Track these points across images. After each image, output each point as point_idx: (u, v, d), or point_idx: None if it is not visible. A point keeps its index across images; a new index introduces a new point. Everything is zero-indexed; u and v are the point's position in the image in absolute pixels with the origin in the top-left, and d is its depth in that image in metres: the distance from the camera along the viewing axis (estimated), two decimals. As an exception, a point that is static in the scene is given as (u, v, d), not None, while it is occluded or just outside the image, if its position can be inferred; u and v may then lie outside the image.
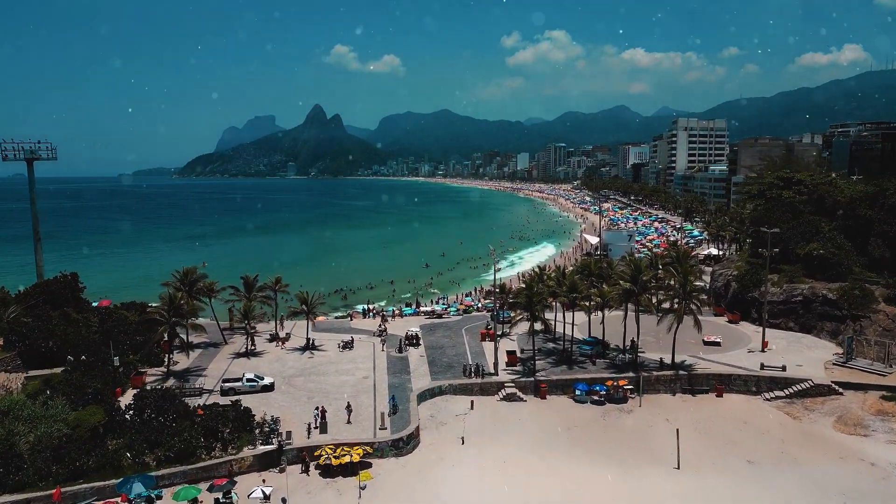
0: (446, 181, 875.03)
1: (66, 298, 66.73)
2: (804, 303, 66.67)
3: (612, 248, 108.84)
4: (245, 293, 69.67)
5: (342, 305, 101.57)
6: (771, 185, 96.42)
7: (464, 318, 78.59)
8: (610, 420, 50.31)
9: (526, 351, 61.66)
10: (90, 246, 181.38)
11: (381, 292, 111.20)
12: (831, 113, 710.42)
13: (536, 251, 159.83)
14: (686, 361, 57.91)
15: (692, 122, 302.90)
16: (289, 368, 58.94)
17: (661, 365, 57.01)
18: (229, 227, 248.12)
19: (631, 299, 56.10)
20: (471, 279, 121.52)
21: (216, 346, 66.26)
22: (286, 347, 65.83)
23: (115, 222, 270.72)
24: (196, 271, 66.90)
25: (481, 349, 63.92)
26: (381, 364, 59.95)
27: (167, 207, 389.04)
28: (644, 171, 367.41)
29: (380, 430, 44.99)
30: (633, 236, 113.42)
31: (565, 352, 60.76)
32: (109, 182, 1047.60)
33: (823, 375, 54.36)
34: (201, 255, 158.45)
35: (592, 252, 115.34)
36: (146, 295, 78.00)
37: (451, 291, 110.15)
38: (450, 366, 59.02)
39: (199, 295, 65.63)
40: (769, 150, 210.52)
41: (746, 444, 45.75)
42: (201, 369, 58.81)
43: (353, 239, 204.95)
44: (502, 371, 56.73)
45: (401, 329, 71.94)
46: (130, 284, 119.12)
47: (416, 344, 65.42)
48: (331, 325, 77.23)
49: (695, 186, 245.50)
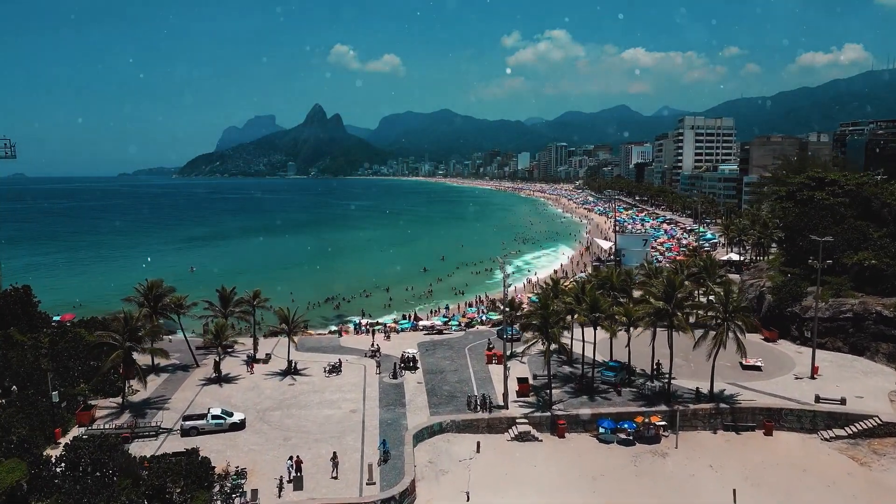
0: (446, 181, 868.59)
1: (16, 315, 58.78)
2: (855, 320, 58.67)
3: (626, 254, 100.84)
4: (221, 308, 61.75)
5: (334, 316, 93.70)
6: (802, 185, 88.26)
7: (466, 335, 70.51)
8: (643, 466, 42.26)
9: (539, 377, 53.69)
10: (72, 250, 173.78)
11: (377, 300, 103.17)
12: (833, 112, 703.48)
13: (542, 255, 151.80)
14: (725, 391, 49.95)
15: (699, 120, 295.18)
16: (265, 399, 50.91)
17: (697, 396, 49.02)
18: (223, 229, 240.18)
19: (664, 320, 48.02)
20: (474, 286, 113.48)
21: (186, 370, 58.25)
22: (265, 372, 57.78)
23: (102, 223, 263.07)
24: (162, 284, 58.78)
25: (487, 374, 55.90)
26: (372, 393, 51.98)
27: (162, 209, 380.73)
28: (648, 170, 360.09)
29: (367, 486, 37.04)
30: (649, 241, 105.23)
31: (585, 378, 52.71)
32: (109, 182, 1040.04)
33: (891, 411, 46.32)
34: (191, 259, 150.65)
35: (604, 257, 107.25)
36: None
37: (453, 300, 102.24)
38: (452, 396, 51.01)
39: (166, 312, 57.70)
40: (782, 149, 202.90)
41: (811, 500, 37.84)
42: (164, 400, 50.77)
43: (349, 241, 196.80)
44: (513, 403, 48.73)
45: (396, 347, 64.03)
46: (111, 293, 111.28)
47: (413, 367, 57.43)
48: (318, 342, 69.15)
49: (703, 186, 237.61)
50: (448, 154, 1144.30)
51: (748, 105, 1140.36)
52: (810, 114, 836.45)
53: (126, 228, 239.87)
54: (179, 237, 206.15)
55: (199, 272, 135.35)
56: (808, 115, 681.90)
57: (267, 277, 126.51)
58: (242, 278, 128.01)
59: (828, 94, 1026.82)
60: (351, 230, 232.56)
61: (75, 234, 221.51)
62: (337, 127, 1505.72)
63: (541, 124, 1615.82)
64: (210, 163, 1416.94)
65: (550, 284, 63.76)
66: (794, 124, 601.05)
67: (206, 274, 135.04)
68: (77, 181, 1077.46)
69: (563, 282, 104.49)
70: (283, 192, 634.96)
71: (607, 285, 57.32)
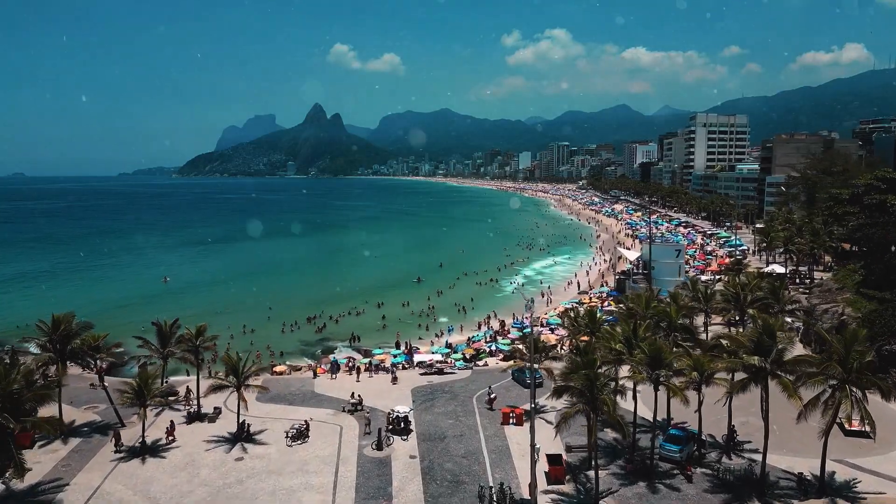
0: (447, 181, 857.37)
1: None
2: None
3: (656, 267, 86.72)
4: (158, 347, 47.81)
5: (317, 340, 79.51)
6: (869, 186, 74.44)
7: (473, 375, 56.42)
8: None
9: (575, 449, 39.76)
10: (34, 260, 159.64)
11: (370, 320, 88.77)
12: (835, 112, 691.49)
13: (554, 264, 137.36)
14: (836, 474, 36.05)
15: (711, 118, 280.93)
16: (198, 487, 36.71)
17: (799, 485, 35.04)
18: (209, 233, 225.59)
19: (759, 381, 33.95)
20: (479, 300, 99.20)
21: (104, 433, 44.17)
22: (209, 436, 43.67)
23: (82, 226, 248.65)
24: (72, 320, 44.56)
25: (504, 442, 41.86)
26: (347, 475, 37.88)
27: (156, 210, 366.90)
28: (654, 170, 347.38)
29: None
30: (683, 251, 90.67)
31: (638, 450, 38.74)
32: (108, 182, 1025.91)
33: None
34: (164, 269, 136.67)
35: (631, 272, 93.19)
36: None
37: (455, 318, 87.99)
38: (456, 481, 36.91)
39: (76, 358, 43.69)
40: (806, 147, 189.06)
41: None
42: (60, 486, 36.76)
43: (342, 246, 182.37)
44: (543, 494, 34.80)
45: (384, 393, 50.18)
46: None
47: (405, 431, 43.40)
48: (286, 386, 54.84)
49: (717, 187, 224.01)
50: (448, 154, 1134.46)
51: (749, 104, 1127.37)
52: (812, 113, 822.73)
53: (104, 234, 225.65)
54: (163, 243, 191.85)
55: (173, 282, 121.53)
56: (810, 114, 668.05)
57: (245, 288, 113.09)
58: (220, 290, 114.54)
59: (829, 93, 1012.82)
60: (344, 234, 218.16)
61: (45, 239, 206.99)
62: (337, 126, 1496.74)
63: (541, 124, 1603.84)
64: (210, 162, 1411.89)
65: (581, 315, 49.65)
66: (796, 124, 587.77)
67: (181, 283, 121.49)
68: (77, 181, 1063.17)
69: (583, 299, 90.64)
70: (281, 192, 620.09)
71: (664, 323, 43.15)
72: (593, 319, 45.46)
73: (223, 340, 75.98)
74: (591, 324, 44.76)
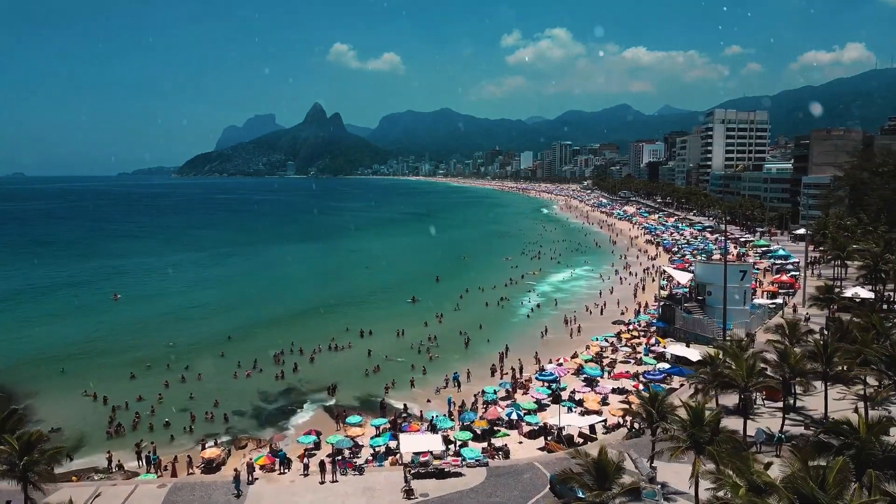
0: (447, 180, 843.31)
1: None
2: None
3: (713, 291, 68.51)
4: None
5: (278, 394, 60.54)
6: None
7: (491, 479, 37.45)
8: None
9: None
10: None
11: (352, 360, 70.03)
12: (837, 111, 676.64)
13: (573, 279, 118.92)
14: None
15: (730, 113, 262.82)
16: None
17: None
18: (198, 235, 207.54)
19: None
20: (490, 326, 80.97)
21: None
22: None
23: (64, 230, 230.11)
24: None
25: None
26: None
27: (143, 212, 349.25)
28: (662, 169, 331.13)
29: None
30: (750, 271, 72.03)
31: None
32: (107, 182, 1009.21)
33: None
34: (119, 281, 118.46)
35: (682, 296, 74.86)
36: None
37: (461, 358, 69.40)
38: None
39: None
40: (844, 144, 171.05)
41: None
42: None
43: (334, 256, 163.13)
44: None
45: None
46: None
47: None
48: (202, 498, 36.02)
49: (741, 188, 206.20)
50: (449, 153, 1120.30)
51: (750, 104, 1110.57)
52: (816, 112, 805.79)
53: (77, 242, 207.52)
54: (132, 248, 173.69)
55: (124, 300, 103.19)
56: (811, 114, 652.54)
57: (212, 309, 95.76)
58: (175, 310, 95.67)
59: (831, 92, 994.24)
60: (339, 239, 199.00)
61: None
62: (337, 126, 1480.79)
63: (542, 123, 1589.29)
64: (209, 162, 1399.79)
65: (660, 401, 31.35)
66: (797, 123, 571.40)
67: (134, 300, 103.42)
68: (76, 181, 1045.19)
69: (621, 331, 72.37)
70: (280, 192, 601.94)
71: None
72: (700, 422, 26.52)
73: (153, 391, 58.29)
74: (698, 430, 26.04)
